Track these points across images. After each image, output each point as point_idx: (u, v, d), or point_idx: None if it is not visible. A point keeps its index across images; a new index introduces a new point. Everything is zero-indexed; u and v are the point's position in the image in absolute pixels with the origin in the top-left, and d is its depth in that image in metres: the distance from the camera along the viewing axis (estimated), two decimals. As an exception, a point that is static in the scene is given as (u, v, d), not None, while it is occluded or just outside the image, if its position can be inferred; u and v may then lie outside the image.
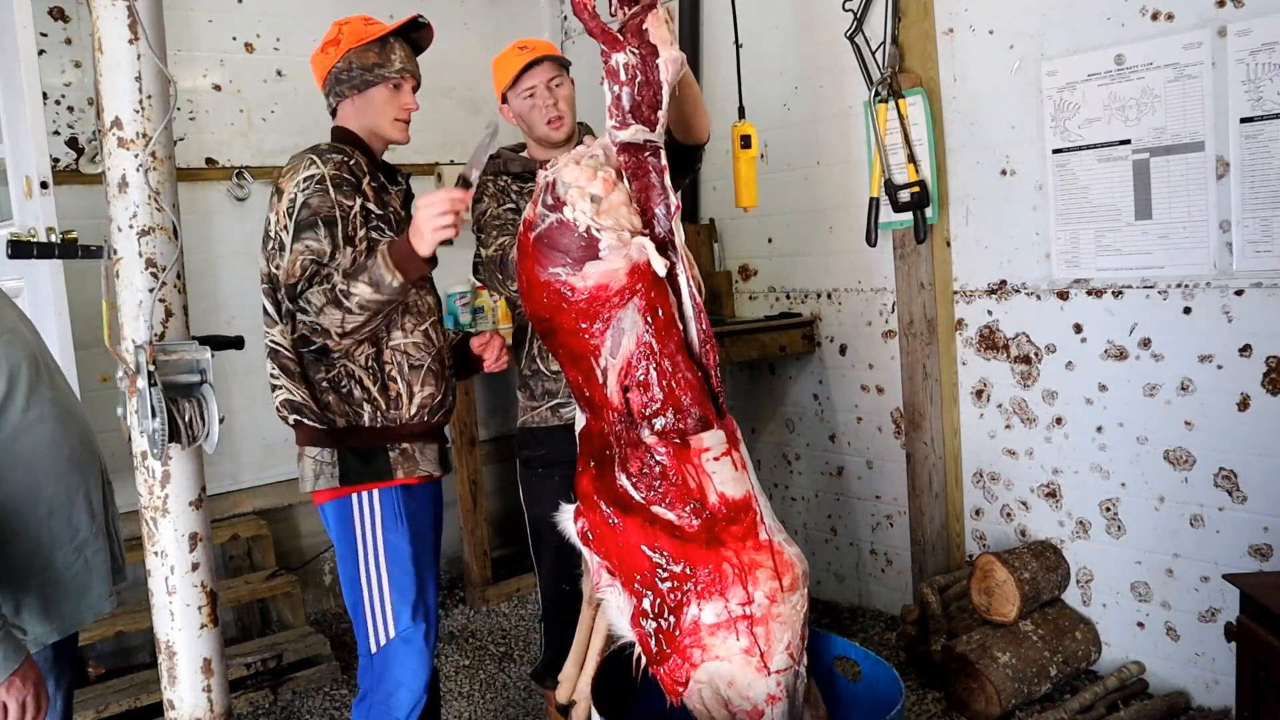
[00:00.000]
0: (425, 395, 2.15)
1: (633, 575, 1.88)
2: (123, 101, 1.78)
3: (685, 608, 1.85)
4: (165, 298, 1.83)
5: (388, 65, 2.11)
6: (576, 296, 1.78)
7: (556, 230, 1.76)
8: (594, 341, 1.82)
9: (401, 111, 2.16)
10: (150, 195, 1.79)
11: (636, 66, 1.79)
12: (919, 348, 3.28)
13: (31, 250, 1.94)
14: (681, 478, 1.83)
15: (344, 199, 2.02)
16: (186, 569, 1.87)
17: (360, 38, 2.11)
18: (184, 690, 1.89)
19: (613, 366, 1.83)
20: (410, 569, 2.13)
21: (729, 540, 1.83)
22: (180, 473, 1.86)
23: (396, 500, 2.12)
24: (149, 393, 1.72)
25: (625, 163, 1.85)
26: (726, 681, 1.86)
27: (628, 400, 1.84)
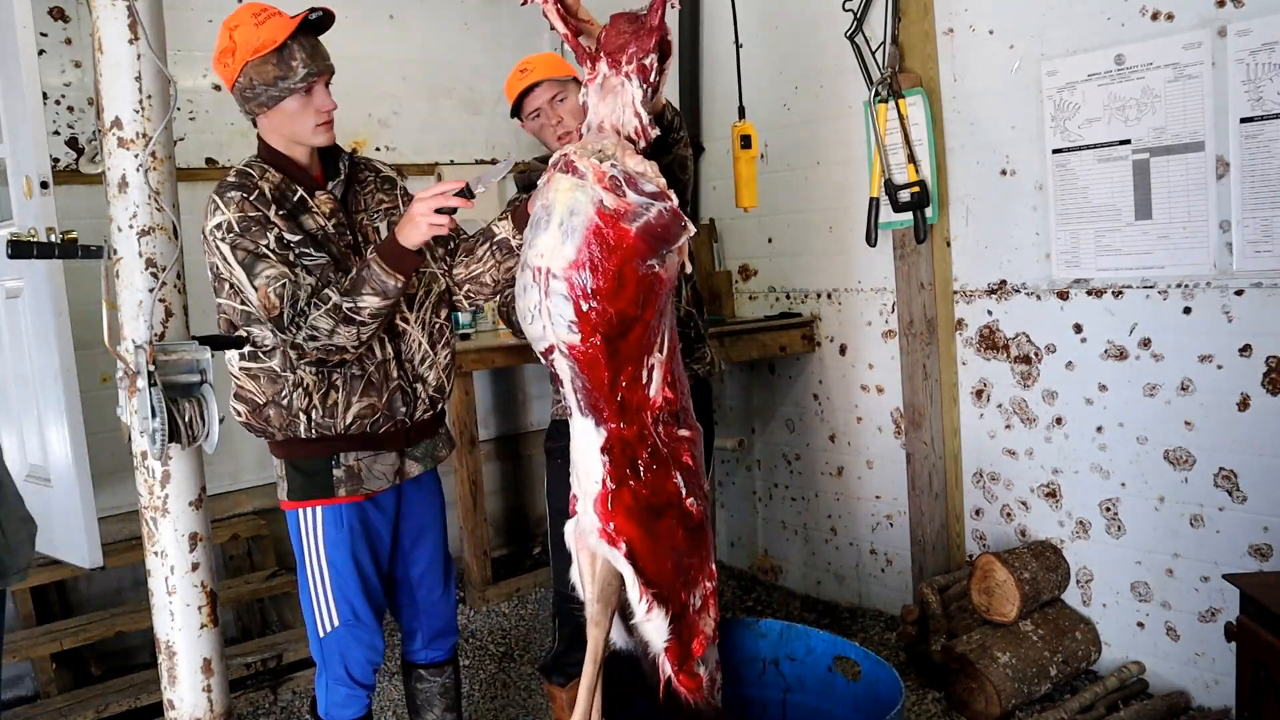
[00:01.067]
0: (363, 407, 2.10)
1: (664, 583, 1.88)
2: (123, 101, 1.78)
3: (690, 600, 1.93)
4: (165, 298, 1.83)
5: (291, 76, 1.98)
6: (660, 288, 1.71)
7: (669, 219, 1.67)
8: (653, 337, 1.75)
9: (319, 115, 2.05)
10: (150, 195, 1.79)
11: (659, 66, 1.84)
12: (919, 348, 3.28)
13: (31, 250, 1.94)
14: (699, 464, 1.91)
15: (256, 238, 1.97)
16: (186, 569, 1.87)
17: (254, 48, 1.96)
18: (184, 690, 1.89)
19: (659, 362, 1.79)
20: (352, 575, 2.19)
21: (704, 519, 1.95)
22: (180, 473, 1.86)
23: (340, 515, 2.16)
24: (149, 393, 1.72)
25: None
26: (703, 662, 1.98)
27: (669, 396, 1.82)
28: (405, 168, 4.30)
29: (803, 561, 3.98)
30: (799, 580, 4.01)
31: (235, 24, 2.01)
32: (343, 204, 2.14)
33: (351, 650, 2.23)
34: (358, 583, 2.20)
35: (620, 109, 1.78)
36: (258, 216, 1.98)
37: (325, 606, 2.20)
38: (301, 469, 2.15)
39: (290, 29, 1.96)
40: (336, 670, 2.24)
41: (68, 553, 3.04)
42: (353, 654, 2.23)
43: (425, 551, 2.36)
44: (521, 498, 4.67)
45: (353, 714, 2.29)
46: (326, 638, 2.22)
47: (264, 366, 2.08)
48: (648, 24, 1.74)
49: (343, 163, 2.17)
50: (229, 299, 2.09)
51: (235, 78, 2.01)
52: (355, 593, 2.20)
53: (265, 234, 1.98)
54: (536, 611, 3.94)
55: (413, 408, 2.20)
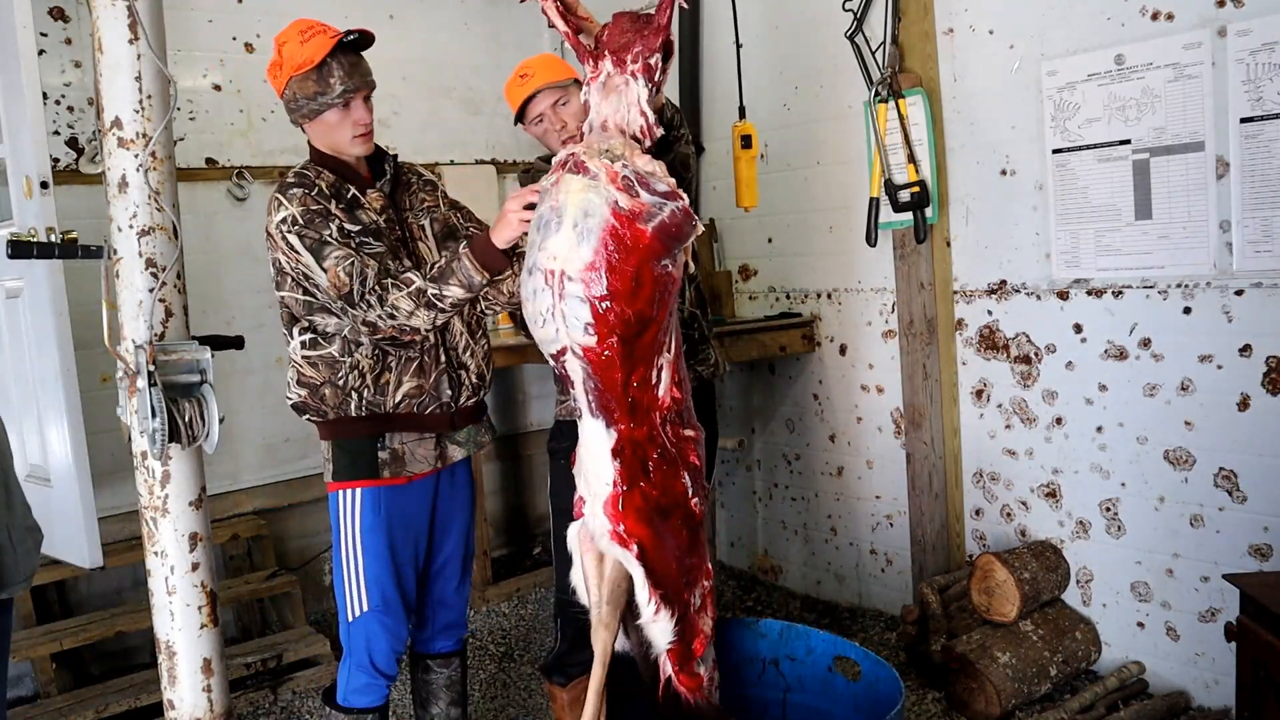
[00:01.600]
0: (411, 387, 2.22)
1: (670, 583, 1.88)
2: (123, 101, 1.78)
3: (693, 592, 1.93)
4: (165, 298, 1.83)
5: (329, 91, 2.13)
6: (674, 287, 1.72)
7: (681, 219, 1.66)
8: (664, 336, 1.75)
9: (356, 127, 2.19)
10: (150, 195, 1.79)
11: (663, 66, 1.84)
12: (919, 348, 3.28)
13: (31, 250, 1.94)
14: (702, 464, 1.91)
15: (320, 229, 2.11)
16: (186, 569, 1.87)
17: (297, 65, 2.12)
18: (184, 690, 1.89)
19: (668, 362, 1.79)
20: (387, 561, 2.27)
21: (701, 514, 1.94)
22: (180, 473, 1.86)
23: (380, 499, 2.24)
24: (149, 393, 1.72)
25: None
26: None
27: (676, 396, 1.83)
28: (405, 168, 4.30)
29: (803, 561, 3.98)
30: (799, 580, 4.01)
31: (284, 40, 2.17)
32: (391, 201, 2.27)
33: (378, 636, 2.29)
34: (391, 570, 2.27)
35: (625, 108, 1.78)
36: (320, 210, 2.13)
37: (356, 590, 2.27)
38: (348, 450, 2.23)
39: (329, 48, 2.11)
40: (360, 656, 2.31)
41: (68, 553, 3.03)
42: (378, 640, 2.29)
43: (451, 541, 2.43)
44: (521, 498, 4.67)
45: (370, 702, 2.34)
46: (355, 622, 2.29)
47: (323, 353, 2.20)
48: (655, 23, 1.74)
49: (388, 164, 2.31)
50: (290, 291, 2.20)
51: (282, 89, 2.19)
52: (388, 579, 2.27)
53: (328, 224, 2.11)
54: (536, 611, 3.94)
55: (458, 392, 2.29)
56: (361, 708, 2.33)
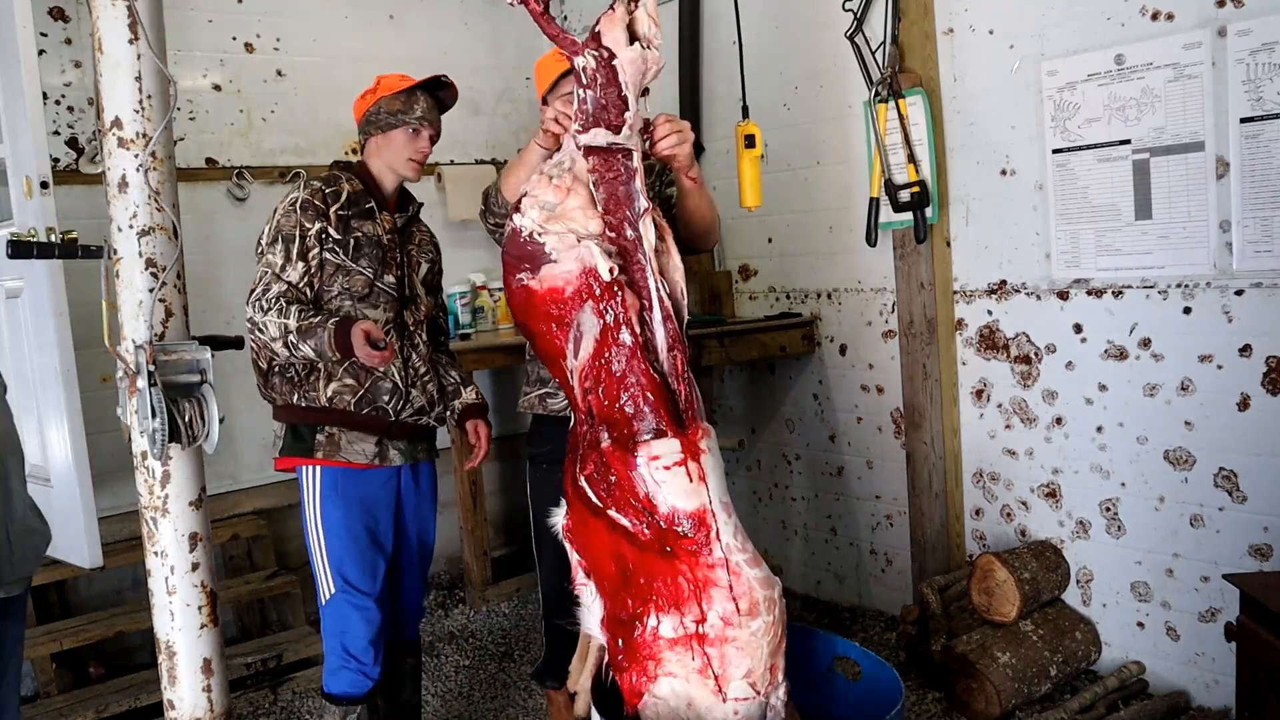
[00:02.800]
0: (341, 385, 2.38)
1: (602, 578, 1.87)
2: (123, 101, 1.78)
3: (645, 617, 1.81)
4: (165, 298, 1.83)
5: (410, 113, 2.44)
6: (536, 300, 1.84)
7: (510, 238, 1.87)
8: (559, 344, 1.85)
9: (416, 154, 2.46)
10: (150, 195, 1.79)
11: (595, 70, 1.78)
12: (919, 348, 3.28)
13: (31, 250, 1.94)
14: (630, 484, 1.78)
15: (305, 221, 2.34)
16: (186, 569, 1.87)
17: (392, 89, 2.45)
18: (184, 690, 1.89)
19: (575, 369, 1.84)
20: (347, 541, 2.40)
21: (681, 554, 1.77)
22: (180, 473, 1.86)
23: (336, 478, 2.41)
24: (149, 393, 1.72)
25: (594, 166, 1.84)
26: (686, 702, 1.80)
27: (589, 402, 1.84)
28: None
29: (803, 561, 3.98)
30: (799, 580, 4.01)
31: (384, 77, 2.51)
32: (400, 231, 2.50)
33: (349, 618, 2.39)
34: (353, 551, 2.40)
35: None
36: (319, 207, 2.36)
37: (323, 572, 2.42)
38: (293, 431, 2.44)
39: (423, 80, 2.48)
40: (333, 641, 2.42)
41: (68, 553, 3.03)
42: (351, 624, 2.39)
43: (420, 538, 2.60)
44: (522, 498, 4.66)
45: (347, 688, 2.42)
46: (326, 604, 2.42)
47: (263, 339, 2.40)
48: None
49: (411, 206, 2.58)
50: None
51: (368, 107, 2.47)
52: (350, 560, 2.39)
53: (314, 222, 2.34)
54: (536, 611, 3.94)
55: (400, 405, 2.45)
56: (339, 694, 2.41)
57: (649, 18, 1.80)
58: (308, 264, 2.34)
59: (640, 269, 1.84)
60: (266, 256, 2.34)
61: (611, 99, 1.79)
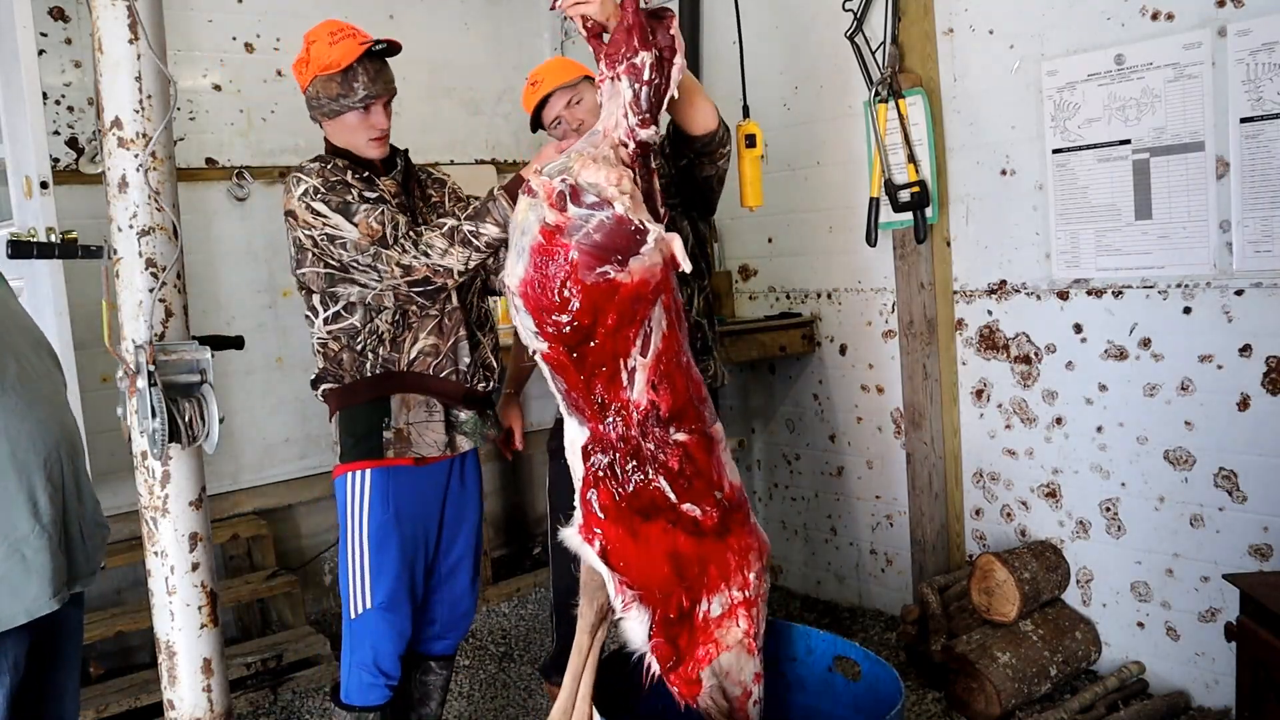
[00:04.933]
0: (428, 344, 2.25)
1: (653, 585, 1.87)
2: (123, 101, 1.78)
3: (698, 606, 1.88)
4: (165, 298, 1.83)
5: (350, 95, 2.19)
6: (624, 294, 1.72)
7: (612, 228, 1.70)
8: (629, 342, 1.78)
9: (372, 130, 2.24)
10: (150, 195, 1.79)
11: (656, 67, 1.79)
12: (919, 348, 3.28)
13: (31, 250, 1.94)
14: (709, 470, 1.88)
15: (343, 193, 2.15)
16: (186, 569, 1.87)
17: (323, 65, 2.17)
18: (184, 690, 1.89)
19: (642, 365, 1.79)
20: (394, 554, 2.25)
21: (734, 527, 1.90)
22: (180, 473, 1.86)
23: (388, 490, 2.25)
24: (149, 393, 1.72)
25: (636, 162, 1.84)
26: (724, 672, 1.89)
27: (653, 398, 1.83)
28: (405, 168, 4.30)
29: (803, 561, 3.98)
30: (799, 580, 4.01)
31: (313, 39, 2.21)
32: (404, 189, 2.32)
33: (382, 636, 2.27)
34: (398, 566, 2.25)
35: (614, 111, 1.81)
36: (339, 179, 2.18)
37: (361, 585, 2.25)
38: (353, 430, 2.25)
39: (357, 54, 2.16)
40: (363, 655, 2.28)
41: (68, 553, 3.03)
42: (383, 641, 2.27)
43: (462, 541, 2.43)
44: (522, 497, 4.67)
45: (374, 700, 2.32)
46: (358, 619, 2.27)
47: (345, 324, 2.24)
48: (623, 21, 1.76)
49: (400, 158, 2.37)
50: (311, 267, 2.21)
51: (305, 86, 2.23)
52: (394, 576, 2.25)
53: (349, 190, 2.16)
54: (536, 611, 3.94)
55: (475, 364, 2.32)
56: (364, 705, 2.32)
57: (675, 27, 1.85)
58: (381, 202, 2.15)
59: None
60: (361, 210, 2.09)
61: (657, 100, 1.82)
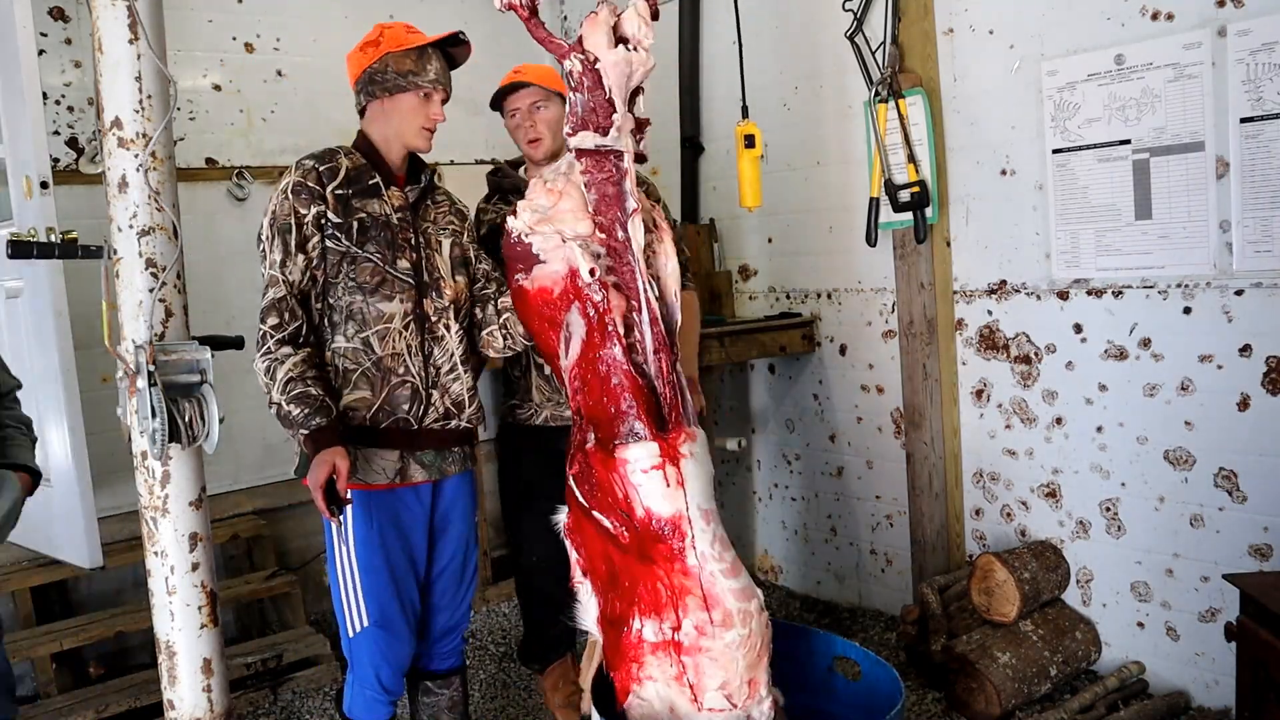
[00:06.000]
0: (354, 399, 2.15)
1: (596, 578, 1.89)
2: (123, 101, 1.78)
3: (631, 619, 1.83)
4: (165, 298, 1.83)
5: (422, 74, 2.17)
6: (529, 299, 1.90)
7: (504, 240, 1.93)
8: (553, 343, 1.90)
9: (428, 121, 2.20)
10: (150, 195, 1.79)
11: (581, 73, 1.80)
12: (919, 348, 3.28)
13: (31, 250, 1.94)
14: (609, 485, 1.79)
15: (299, 206, 2.09)
16: (186, 569, 1.87)
17: (400, 44, 2.16)
18: (184, 690, 1.89)
19: (566, 368, 1.89)
20: (383, 572, 2.19)
21: (658, 559, 1.76)
22: (180, 473, 1.86)
23: (367, 501, 2.18)
24: (149, 393, 1.72)
25: (585, 168, 1.86)
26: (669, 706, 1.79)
27: (578, 402, 1.86)
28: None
29: (803, 561, 3.98)
30: (799, 580, 4.01)
31: (387, 26, 2.22)
32: (412, 207, 2.23)
33: (381, 653, 2.22)
34: (389, 583, 2.20)
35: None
36: (313, 189, 2.10)
37: (355, 605, 2.20)
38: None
39: (437, 38, 2.20)
40: (364, 672, 2.24)
41: (68, 553, 3.03)
42: (381, 657, 2.22)
43: (448, 550, 2.36)
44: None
45: (378, 716, 2.29)
46: (356, 638, 2.22)
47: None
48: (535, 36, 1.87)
49: (424, 175, 2.30)
50: None
51: (369, 64, 2.17)
52: (386, 594, 2.20)
53: (309, 206, 2.09)
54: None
55: (422, 411, 2.21)
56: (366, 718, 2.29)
57: (638, 18, 1.80)
58: (308, 255, 2.09)
59: (630, 270, 1.84)
60: (266, 254, 2.08)
61: (599, 102, 1.81)
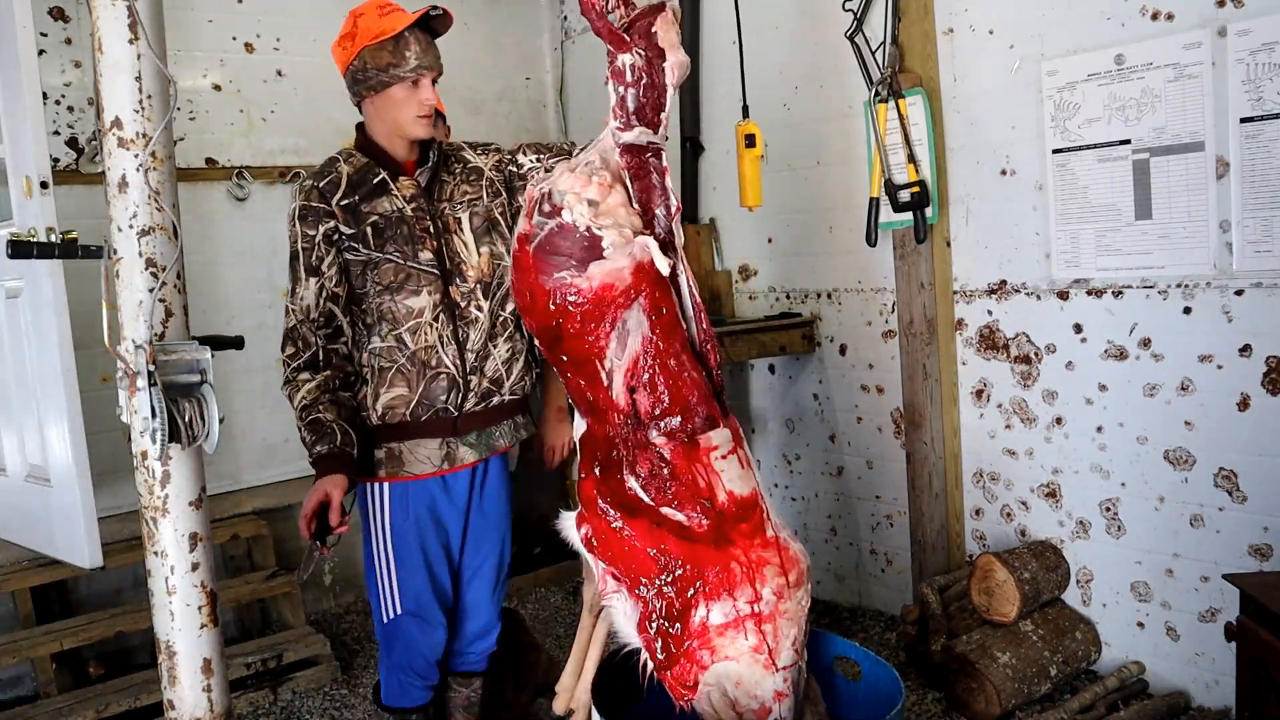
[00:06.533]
0: (392, 397, 2.19)
1: (639, 580, 1.88)
2: (123, 101, 1.78)
3: (693, 610, 1.86)
4: (165, 298, 1.83)
5: (402, 64, 2.11)
6: (582, 298, 1.80)
7: (558, 235, 1.79)
8: (600, 344, 1.83)
9: (421, 107, 2.15)
10: (150, 195, 1.79)
11: (643, 69, 1.80)
12: (919, 348, 3.28)
13: (31, 250, 1.94)
14: (691, 477, 1.84)
15: (307, 229, 2.14)
16: (186, 569, 1.87)
17: (374, 34, 2.10)
18: (184, 690, 1.89)
19: (619, 368, 1.84)
20: (418, 561, 2.24)
21: (738, 538, 1.85)
22: (180, 473, 1.86)
23: (406, 492, 2.23)
24: (149, 393, 1.72)
25: (628, 164, 1.86)
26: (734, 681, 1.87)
27: (634, 401, 1.85)
28: (405, 168, 4.30)
29: (803, 561, 3.98)
30: (799, 580, 4.00)
31: (360, 12, 2.15)
32: (426, 191, 2.21)
33: (414, 641, 2.26)
34: (424, 572, 2.23)
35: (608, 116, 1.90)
36: (319, 207, 2.14)
37: (390, 592, 2.24)
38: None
39: (410, 21, 2.10)
40: (398, 658, 2.28)
41: (68, 553, 3.03)
42: (415, 645, 2.26)
43: (485, 549, 2.38)
44: (521, 498, 4.67)
45: (414, 701, 2.32)
46: (389, 624, 2.25)
47: None
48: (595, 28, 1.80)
49: (432, 152, 2.25)
50: None
51: (350, 60, 2.15)
52: (421, 582, 2.23)
53: (317, 226, 2.13)
54: (537, 611, 3.94)
55: (461, 399, 2.23)
56: (405, 707, 2.32)
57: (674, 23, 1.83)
58: (321, 276, 2.13)
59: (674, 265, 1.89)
60: (291, 283, 2.17)
61: (653, 99, 1.82)
